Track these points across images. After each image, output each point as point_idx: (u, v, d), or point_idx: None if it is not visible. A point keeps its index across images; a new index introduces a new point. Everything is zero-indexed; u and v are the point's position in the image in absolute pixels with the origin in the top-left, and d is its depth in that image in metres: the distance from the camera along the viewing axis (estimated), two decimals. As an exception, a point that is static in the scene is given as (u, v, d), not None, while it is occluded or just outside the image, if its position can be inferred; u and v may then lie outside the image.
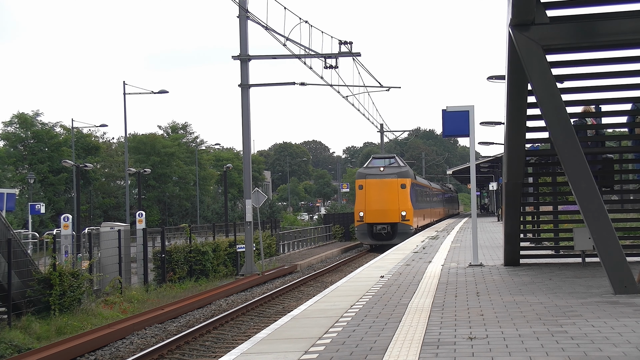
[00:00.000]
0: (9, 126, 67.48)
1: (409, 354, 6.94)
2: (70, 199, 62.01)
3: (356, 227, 43.64)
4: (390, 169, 43.00)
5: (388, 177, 42.14)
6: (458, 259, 17.89)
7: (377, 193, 41.96)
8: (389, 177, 42.16)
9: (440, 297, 10.90)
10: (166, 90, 48.49)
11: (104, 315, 19.10)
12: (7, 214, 34.89)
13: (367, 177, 42.61)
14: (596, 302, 9.74)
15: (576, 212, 15.53)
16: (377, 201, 41.91)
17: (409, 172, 43.89)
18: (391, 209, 41.74)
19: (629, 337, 7.31)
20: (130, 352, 15.01)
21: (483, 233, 30.25)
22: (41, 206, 40.80)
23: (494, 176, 59.41)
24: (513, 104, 12.84)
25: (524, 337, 7.52)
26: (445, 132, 16.26)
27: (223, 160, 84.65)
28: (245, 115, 30.05)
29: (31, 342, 15.94)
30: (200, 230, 48.82)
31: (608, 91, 14.01)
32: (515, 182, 14.03)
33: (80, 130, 68.73)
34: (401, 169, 43.20)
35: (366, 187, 42.30)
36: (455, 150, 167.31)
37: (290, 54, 29.28)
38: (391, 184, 42.03)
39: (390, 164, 43.68)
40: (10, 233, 18.06)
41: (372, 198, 42.03)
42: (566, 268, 14.41)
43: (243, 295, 24.14)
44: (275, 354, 7.48)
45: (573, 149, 11.08)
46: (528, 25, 11.35)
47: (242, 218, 34.81)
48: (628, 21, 11.81)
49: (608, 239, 10.65)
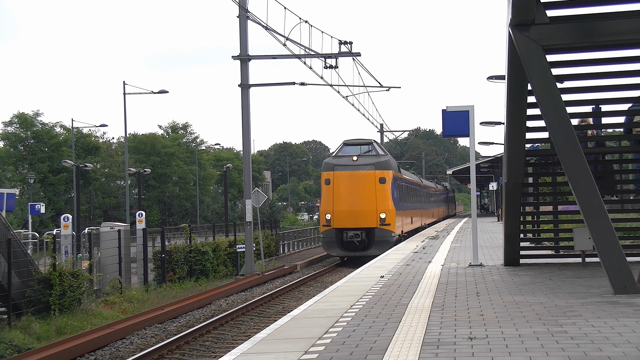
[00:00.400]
0: (9, 126, 67.56)
1: (409, 354, 6.94)
2: (70, 199, 62.00)
3: (321, 234, 34.38)
4: (366, 158, 33.58)
5: (363, 169, 32.94)
6: (458, 259, 17.89)
7: (349, 189, 32.81)
8: (364, 168, 32.97)
9: (440, 297, 10.90)
10: (166, 90, 48.53)
11: (104, 315, 19.11)
12: (7, 214, 34.89)
13: (335, 168, 33.18)
14: (596, 302, 9.74)
15: (576, 212, 15.53)
16: (349, 200, 32.74)
17: (390, 162, 34.62)
18: (366, 209, 32.63)
19: (629, 337, 7.31)
20: (130, 352, 15.01)
21: (483, 233, 30.26)
22: (41, 206, 40.83)
23: (494, 176, 59.44)
24: (513, 104, 12.84)
25: (524, 337, 7.52)
26: (445, 132, 16.26)
27: (223, 160, 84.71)
28: (245, 115, 30.06)
29: (31, 342, 15.94)
30: (200, 230, 48.83)
31: (608, 91, 14.01)
32: (515, 182, 14.03)
33: (80, 130, 68.79)
34: (380, 159, 33.69)
35: (334, 181, 33.01)
36: (455, 150, 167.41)
37: (290, 54, 29.30)
38: (367, 178, 32.85)
39: (366, 151, 34.22)
40: (10, 233, 18.07)
41: (342, 196, 32.83)
42: (566, 268, 14.41)
43: (243, 295, 24.15)
44: (275, 354, 7.48)
45: (573, 149, 11.08)
46: (528, 25, 11.35)
47: (242, 218, 34.83)
48: (628, 21, 11.81)
49: (608, 239, 10.65)
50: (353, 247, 32.79)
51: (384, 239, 32.20)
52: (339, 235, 32.71)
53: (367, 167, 33.07)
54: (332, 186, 33.09)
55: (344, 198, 32.85)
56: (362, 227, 32.56)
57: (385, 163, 33.74)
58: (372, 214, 32.69)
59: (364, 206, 32.67)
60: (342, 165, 33.17)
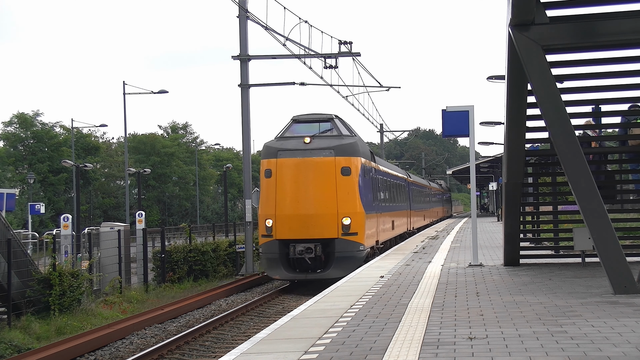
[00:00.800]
0: (9, 126, 67.68)
1: (408, 354, 6.93)
2: (70, 199, 62.02)
3: (260, 247, 24.18)
4: (323, 139, 23.61)
5: (319, 155, 23.02)
6: (458, 259, 17.89)
7: (298, 184, 23.08)
8: (320, 154, 23.03)
9: (440, 297, 10.90)
10: (166, 90, 48.53)
11: (104, 315, 19.11)
12: (7, 214, 34.94)
13: (279, 154, 23.24)
14: (596, 302, 9.74)
15: (576, 212, 15.54)
16: (298, 199, 23.00)
17: (358, 145, 24.01)
18: (323, 213, 22.77)
19: (629, 337, 7.31)
20: (130, 352, 15.01)
21: (483, 233, 30.26)
22: (41, 206, 40.89)
23: (494, 176, 59.45)
24: (513, 104, 12.85)
25: (523, 337, 7.52)
26: (445, 132, 16.27)
27: (223, 160, 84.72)
28: (245, 115, 30.05)
29: (31, 342, 15.94)
30: (200, 230, 48.83)
31: (608, 91, 14.03)
32: (515, 182, 14.04)
33: (80, 130, 68.87)
34: (344, 140, 23.55)
35: (278, 172, 23.19)
36: (455, 150, 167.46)
37: (290, 54, 29.29)
38: (324, 167, 22.94)
39: (325, 130, 24.22)
40: (10, 233, 18.08)
41: (288, 194, 23.12)
42: (566, 268, 14.42)
43: (243, 295, 24.13)
44: (275, 354, 7.47)
45: (573, 149, 11.08)
46: (528, 25, 11.36)
47: (242, 218, 34.84)
48: (628, 21, 11.81)
49: (608, 239, 10.65)
50: (304, 267, 22.84)
51: (349, 255, 22.45)
52: (284, 250, 22.72)
53: (325, 152, 22.91)
54: (274, 179, 23.06)
55: (291, 197, 22.91)
56: (316, 238, 22.57)
57: (351, 147, 23.28)
58: (332, 219, 22.57)
59: (320, 208, 22.69)
60: (288, 150, 23.01)
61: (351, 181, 23.12)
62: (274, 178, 23.20)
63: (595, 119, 15.32)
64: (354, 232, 22.77)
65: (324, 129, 24.25)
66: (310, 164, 22.94)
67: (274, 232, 22.87)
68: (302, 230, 22.72)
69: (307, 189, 22.93)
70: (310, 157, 22.92)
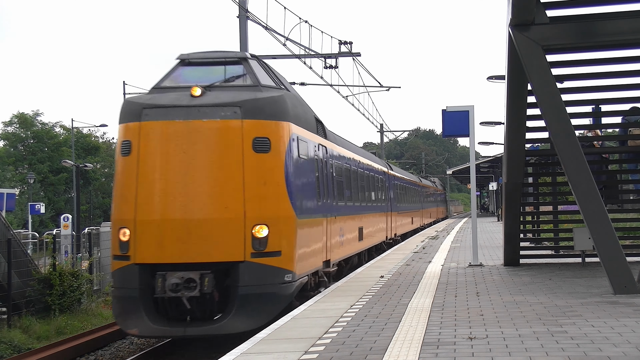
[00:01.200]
0: (9, 126, 67.65)
1: (408, 354, 6.93)
2: (70, 199, 62.01)
3: (112, 274, 12.62)
4: (224, 92, 12.52)
5: (213, 116, 11.93)
6: (458, 259, 17.89)
7: (176, 166, 11.83)
8: (215, 114, 11.96)
9: (440, 297, 10.90)
10: (166, 90, 48.42)
11: (104, 315, 19.10)
12: (7, 214, 34.93)
13: (145, 115, 12.10)
14: (596, 302, 9.74)
15: (576, 212, 15.54)
16: (174, 192, 11.76)
17: (284, 102, 12.65)
18: (219, 217, 11.72)
19: (629, 337, 7.31)
20: (130, 352, 15.00)
21: (483, 233, 30.25)
22: (41, 206, 40.91)
23: (494, 176, 59.42)
24: (513, 104, 12.85)
25: (523, 337, 7.51)
26: (445, 132, 16.28)
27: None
28: (245, 115, 29.88)
29: (31, 342, 15.94)
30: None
31: (608, 91, 14.03)
32: (515, 182, 14.04)
33: (80, 130, 68.83)
34: (259, 94, 12.41)
35: (142, 146, 12.02)
36: (455, 150, 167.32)
37: (290, 54, 29.23)
38: (222, 137, 11.95)
39: (230, 78, 13.26)
40: (10, 233, 18.08)
41: (158, 183, 11.91)
42: (566, 268, 14.42)
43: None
44: (275, 354, 7.47)
45: (573, 149, 11.08)
46: (528, 25, 11.36)
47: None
48: (628, 21, 11.82)
49: (608, 239, 10.65)
50: (182, 313, 11.92)
51: (264, 291, 11.92)
52: (146, 282, 11.79)
53: (225, 110, 12.09)
54: (135, 159, 12.13)
55: (164, 189, 11.95)
56: (204, 261, 11.70)
57: (273, 103, 12.50)
58: (234, 227, 11.80)
59: (213, 209, 11.86)
60: (162, 106, 12.25)
61: (272, 162, 12.23)
62: (135, 156, 12.12)
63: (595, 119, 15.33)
64: (274, 250, 12.04)
65: (231, 74, 13.41)
66: (198, 131, 11.96)
67: (131, 251, 11.93)
68: (179, 248, 11.77)
69: (192, 176, 11.87)
70: (199, 120, 11.98)
